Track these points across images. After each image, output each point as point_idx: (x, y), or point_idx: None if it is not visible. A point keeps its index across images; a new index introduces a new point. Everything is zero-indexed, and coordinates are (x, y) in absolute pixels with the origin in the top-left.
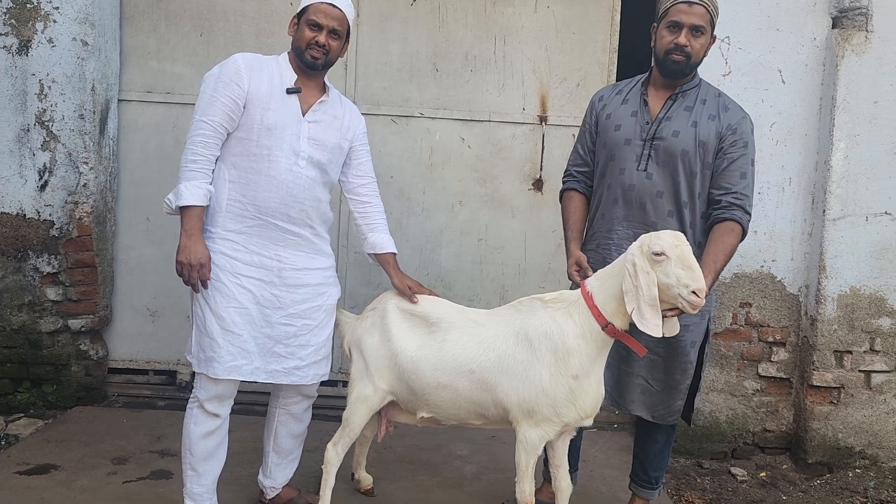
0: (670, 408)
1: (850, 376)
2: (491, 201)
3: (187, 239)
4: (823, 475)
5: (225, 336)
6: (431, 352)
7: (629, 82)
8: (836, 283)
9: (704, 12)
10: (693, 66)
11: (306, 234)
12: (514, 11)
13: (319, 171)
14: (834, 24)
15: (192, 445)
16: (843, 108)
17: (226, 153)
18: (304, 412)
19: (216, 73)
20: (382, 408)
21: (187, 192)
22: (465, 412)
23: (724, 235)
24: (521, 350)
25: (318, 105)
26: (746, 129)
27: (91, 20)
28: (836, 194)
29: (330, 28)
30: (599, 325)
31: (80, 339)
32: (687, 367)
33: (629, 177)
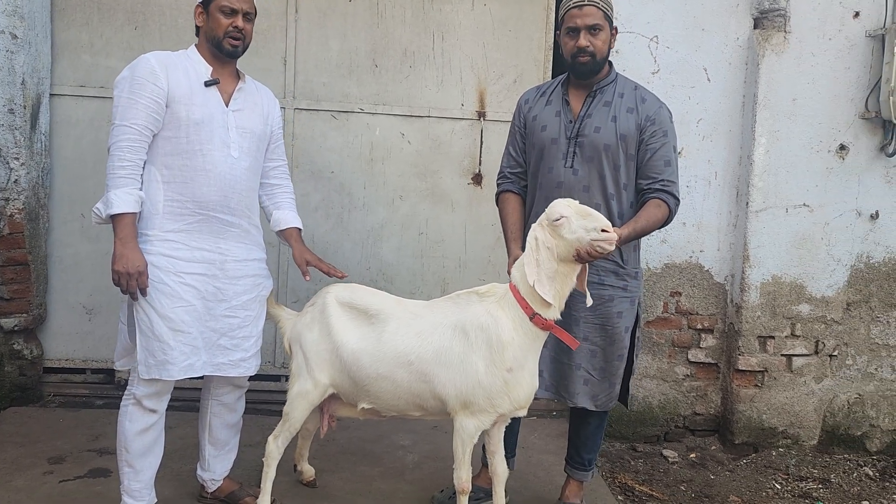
0: (610, 394)
1: (773, 360)
2: (431, 196)
3: (122, 247)
4: (749, 455)
5: (176, 337)
6: (370, 343)
7: (551, 83)
8: (759, 272)
9: (596, 10)
10: (601, 62)
11: (245, 225)
12: (451, 8)
13: (252, 160)
14: (755, 25)
15: (129, 442)
16: (763, 105)
17: (154, 155)
18: (237, 401)
19: (128, 75)
20: (324, 402)
21: (118, 199)
22: (404, 403)
23: (649, 207)
24: (457, 343)
25: (238, 93)
26: (664, 118)
27: (20, 12)
28: (759, 187)
29: (244, 11)
30: (527, 315)
31: (13, 339)
32: (623, 353)
33: (557, 174)
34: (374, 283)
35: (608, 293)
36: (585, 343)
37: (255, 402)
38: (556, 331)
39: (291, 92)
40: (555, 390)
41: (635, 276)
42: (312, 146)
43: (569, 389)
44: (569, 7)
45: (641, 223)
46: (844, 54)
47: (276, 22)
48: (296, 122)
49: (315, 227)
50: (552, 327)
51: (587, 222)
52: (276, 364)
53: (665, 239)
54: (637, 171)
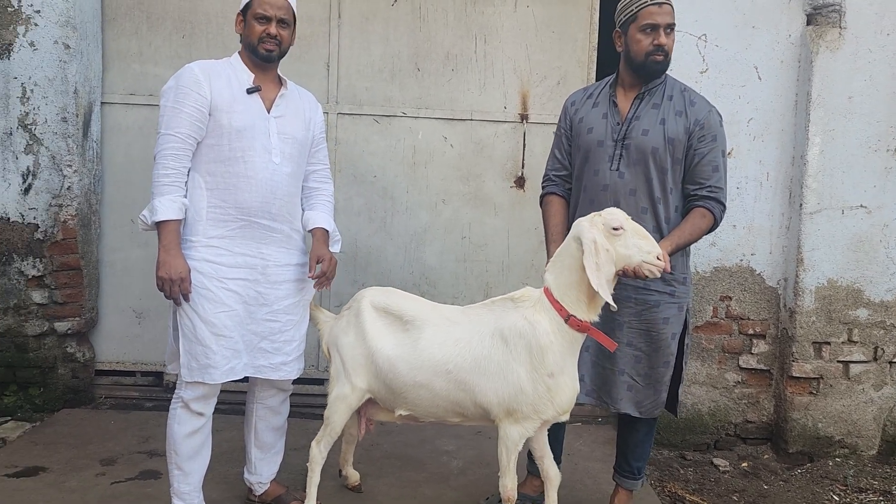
0: (656, 401)
1: (828, 367)
2: (474, 199)
3: (166, 254)
4: (804, 464)
5: (218, 341)
6: (406, 350)
7: (598, 85)
8: (814, 276)
9: (671, 10)
10: (668, 63)
11: (286, 230)
12: (493, 11)
13: (294, 166)
14: (808, 21)
15: (177, 445)
16: (818, 104)
17: (198, 162)
18: (281, 404)
19: (173, 84)
20: (362, 406)
21: (162, 206)
22: (443, 411)
23: (694, 217)
24: (497, 350)
25: (280, 99)
26: (714, 122)
27: (73, 23)
28: (813, 188)
29: (278, 18)
30: (562, 318)
31: (66, 342)
32: (669, 360)
33: (603, 177)
34: (417, 287)
35: (654, 298)
36: (629, 348)
37: (300, 405)
38: (593, 332)
39: (334, 97)
40: (596, 395)
41: (683, 282)
42: (355, 150)
43: (611, 395)
44: (645, 4)
45: (686, 237)
46: None
47: (319, 27)
48: (338, 126)
49: (358, 232)
50: (588, 329)
51: (644, 244)
52: (319, 368)
53: (714, 242)
54: (684, 175)
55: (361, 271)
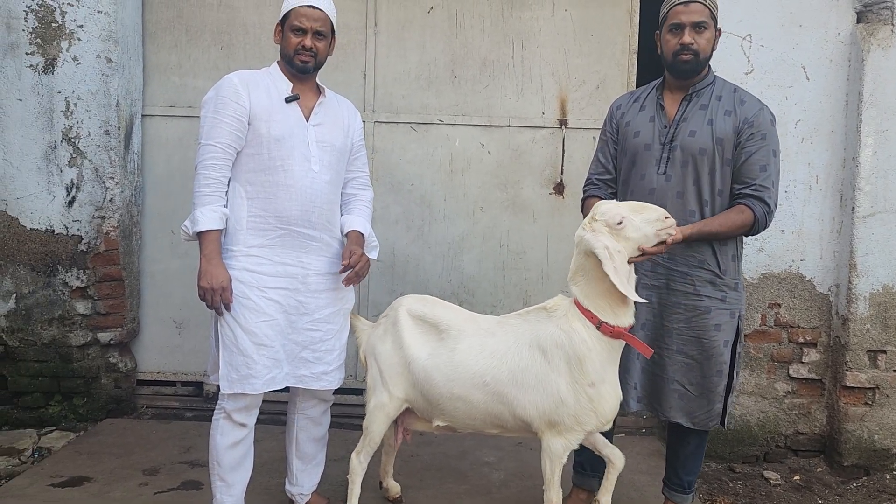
0: (710, 412)
1: (885, 376)
2: (512, 206)
3: (207, 263)
4: (860, 478)
5: (259, 351)
6: (442, 361)
7: (645, 88)
8: (868, 282)
9: (702, 8)
10: (703, 62)
11: (326, 238)
12: (531, 16)
13: (333, 174)
14: (858, 19)
15: (220, 456)
16: (870, 104)
17: (238, 171)
18: (323, 415)
19: (213, 95)
20: (399, 415)
21: (203, 217)
22: (480, 423)
23: (729, 211)
24: (535, 362)
25: (318, 108)
26: (764, 120)
27: (115, 37)
28: (866, 191)
29: (314, 30)
30: (594, 325)
31: (109, 352)
32: (723, 368)
33: (650, 181)
34: (456, 296)
35: (705, 304)
36: (679, 356)
37: (339, 416)
38: (627, 338)
39: (371, 105)
40: (647, 402)
41: (735, 288)
42: (392, 159)
43: (662, 403)
44: (673, 4)
45: (714, 226)
46: None
47: (356, 36)
48: (376, 134)
49: (396, 240)
50: (622, 334)
51: (647, 215)
52: (358, 378)
53: (762, 248)
54: (732, 175)
55: (399, 280)
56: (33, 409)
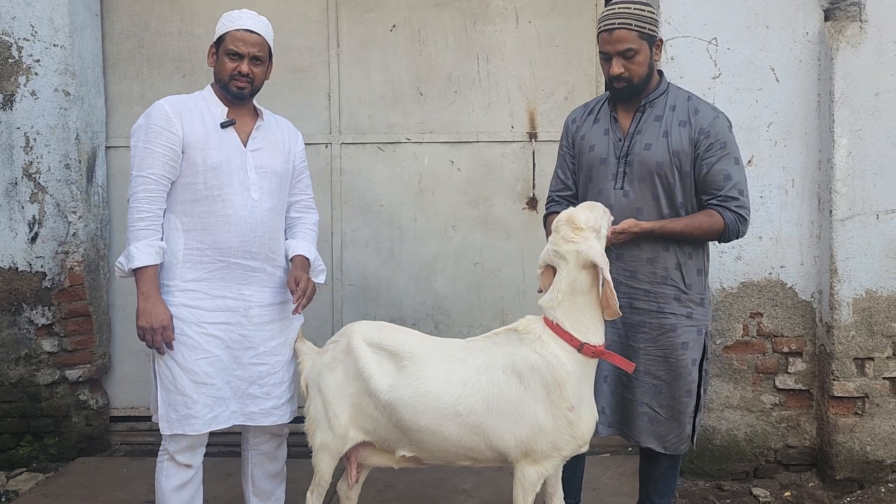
0: (680, 435)
1: (873, 384)
2: (484, 223)
3: (146, 302)
4: (853, 492)
5: (199, 389)
6: (407, 392)
7: (598, 100)
8: (851, 287)
9: (627, 33)
10: (640, 84)
11: (268, 269)
12: (494, 29)
13: (275, 200)
14: (826, 17)
15: (166, 499)
16: (842, 103)
17: (173, 202)
18: (277, 449)
19: (143, 123)
20: (352, 450)
21: (138, 252)
22: (452, 455)
23: (697, 214)
24: (511, 388)
25: (256, 132)
26: (721, 128)
27: (72, 70)
28: (843, 193)
29: (251, 55)
30: (575, 348)
31: (78, 390)
32: (691, 388)
33: (607, 197)
34: (431, 318)
35: (670, 322)
36: (648, 377)
37: None
38: (608, 356)
39: (337, 126)
40: (618, 427)
41: (701, 303)
42: (360, 180)
43: (632, 427)
44: (600, 30)
45: (679, 225)
46: None
47: (319, 58)
48: (342, 156)
49: (367, 263)
50: (603, 353)
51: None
52: None
53: (740, 256)
54: (696, 188)
55: (372, 303)
56: (2, 451)
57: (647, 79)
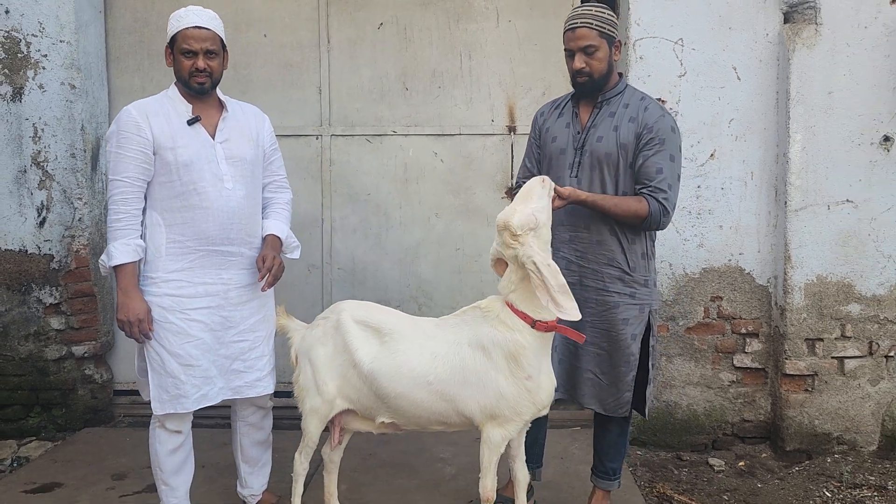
0: (619, 400)
1: (823, 363)
2: (466, 212)
3: (124, 296)
4: (802, 462)
5: (187, 371)
6: (386, 363)
7: (565, 97)
8: (803, 273)
9: (589, 31)
10: (600, 80)
11: (245, 252)
12: (477, 27)
13: (249, 187)
14: (786, 19)
15: (161, 462)
16: (797, 101)
17: (153, 200)
18: (263, 420)
19: (115, 129)
20: (336, 416)
21: (117, 251)
22: (425, 420)
23: (627, 197)
24: (476, 360)
25: (222, 123)
26: (664, 126)
27: (77, 65)
28: (797, 185)
29: (205, 50)
30: (529, 324)
31: (84, 365)
32: (630, 360)
33: (563, 183)
34: (415, 300)
35: (614, 300)
36: (592, 347)
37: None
38: (561, 329)
39: (327, 119)
40: (564, 391)
41: (645, 284)
42: (349, 170)
43: (577, 390)
44: (565, 30)
45: (609, 202)
46: (883, 42)
47: (310, 54)
48: (332, 148)
49: (355, 248)
50: (556, 327)
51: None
52: None
53: (702, 243)
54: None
55: (360, 286)
56: (14, 421)
57: (607, 76)
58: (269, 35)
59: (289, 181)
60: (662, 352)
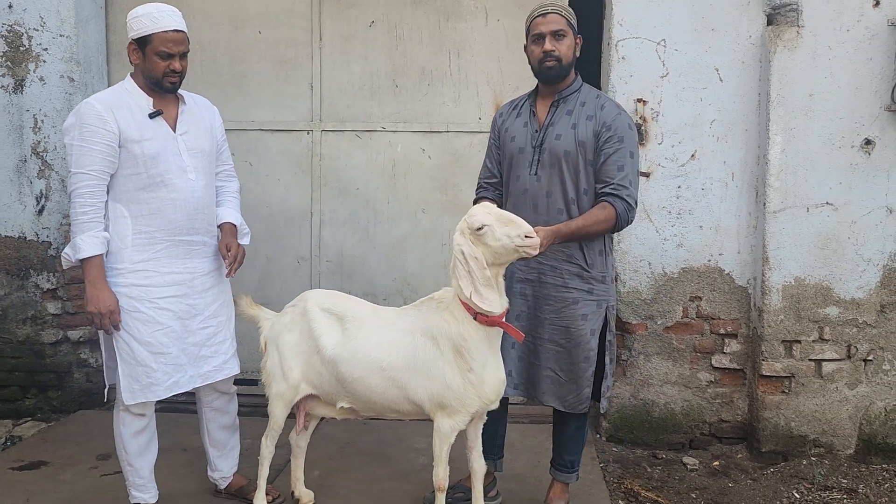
0: (579, 396)
1: (800, 365)
2: (452, 207)
3: (93, 288)
4: (777, 463)
5: (157, 359)
6: (346, 349)
7: (523, 97)
8: (781, 274)
9: (559, 18)
10: (566, 67)
11: (206, 240)
12: (466, 26)
13: (207, 177)
14: (769, 22)
15: (126, 444)
16: (777, 103)
17: (117, 192)
18: (228, 404)
19: (75, 122)
20: (301, 401)
21: (84, 244)
22: (380, 406)
23: (593, 209)
24: (426, 350)
25: (182, 116)
26: (622, 124)
27: (76, 58)
28: (776, 187)
29: (180, 53)
30: (471, 315)
31: (79, 349)
32: (589, 355)
33: (523, 182)
34: (400, 293)
35: (572, 296)
36: (551, 344)
37: None
38: (501, 325)
39: (318, 115)
40: (524, 388)
41: (602, 280)
42: (338, 165)
43: (536, 388)
44: (533, 16)
45: (578, 222)
46: (865, 45)
47: (302, 50)
48: (323, 143)
49: (343, 241)
50: (496, 322)
51: (510, 229)
52: None
53: (681, 243)
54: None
55: (347, 279)
56: (11, 402)
57: (570, 66)
58: (264, 32)
59: (280, 175)
60: (640, 350)
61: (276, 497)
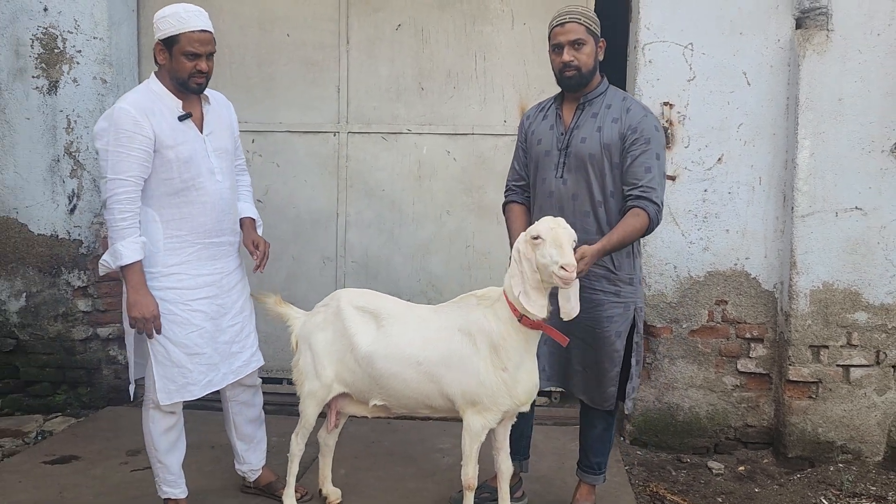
0: (603, 394)
1: (827, 371)
2: (477, 209)
3: (136, 294)
4: (804, 469)
5: (193, 359)
6: (382, 345)
7: (550, 100)
8: (808, 279)
9: (577, 26)
10: (587, 75)
11: (232, 240)
12: (492, 29)
13: (231, 178)
14: (797, 25)
15: (156, 442)
16: (806, 107)
17: (150, 197)
18: (253, 397)
19: (109, 127)
20: (332, 400)
21: (125, 250)
22: (414, 401)
23: (626, 217)
24: (462, 345)
25: (207, 116)
26: (648, 126)
27: (109, 60)
28: (804, 191)
29: (207, 52)
30: (516, 317)
31: (108, 346)
32: (613, 356)
33: (549, 184)
34: (424, 295)
35: (599, 298)
36: (580, 342)
37: None
38: (545, 329)
39: (345, 117)
40: (558, 380)
41: (630, 283)
42: (365, 167)
43: (567, 381)
44: (553, 26)
45: (617, 236)
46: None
47: (330, 53)
48: (350, 144)
49: (369, 243)
50: (541, 326)
51: (554, 253)
52: None
53: (707, 247)
54: (621, 177)
55: (372, 279)
56: (42, 397)
57: (592, 72)
58: (292, 34)
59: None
60: (665, 353)
61: (304, 494)
